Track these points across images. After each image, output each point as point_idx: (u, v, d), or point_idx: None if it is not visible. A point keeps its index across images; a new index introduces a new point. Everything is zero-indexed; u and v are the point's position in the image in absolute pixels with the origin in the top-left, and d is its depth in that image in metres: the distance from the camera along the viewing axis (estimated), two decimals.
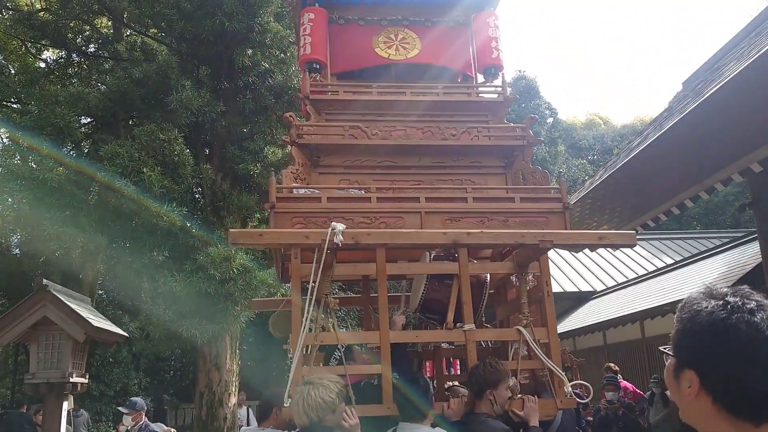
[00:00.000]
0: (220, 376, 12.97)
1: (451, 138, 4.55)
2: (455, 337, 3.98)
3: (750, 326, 1.14)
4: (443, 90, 4.80)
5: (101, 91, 13.20)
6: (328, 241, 3.46)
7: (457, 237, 3.78)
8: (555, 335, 3.98)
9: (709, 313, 1.19)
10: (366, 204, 4.02)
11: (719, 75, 6.80)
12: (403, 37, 5.04)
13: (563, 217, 4.18)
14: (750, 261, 9.29)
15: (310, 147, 4.50)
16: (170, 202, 10.76)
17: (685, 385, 1.20)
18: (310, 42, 4.76)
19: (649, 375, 12.06)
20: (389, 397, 3.54)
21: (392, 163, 4.61)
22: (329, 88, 4.79)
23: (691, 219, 26.91)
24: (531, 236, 3.79)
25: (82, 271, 15.85)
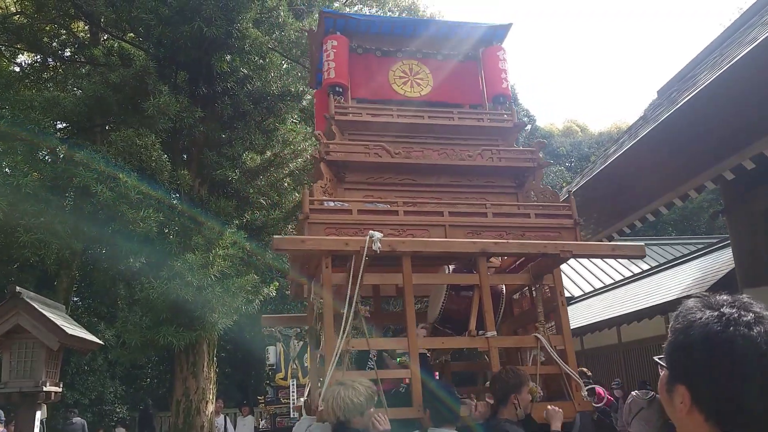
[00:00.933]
0: (197, 384, 12.85)
1: (468, 159, 4.86)
2: (478, 343, 4.22)
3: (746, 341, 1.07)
4: (458, 115, 5.14)
5: (77, 95, 13.05)
6: (366, 248, 3.72)
7: (486, 246, 4.11)
8: (570, 342, 4.26)
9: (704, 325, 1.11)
10: (394, 217, 4.32)
11: (692, 84, 6.92)
12: (417, 72, 5.38)
13: (574, 231, 4.51)
14: (723, 267, 9.43)
15: (336, 164, 4.76)
16: (147, 208, 10.65)
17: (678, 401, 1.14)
18: (333, 67, 5.05)
19: (626, 380, 12.18)
20: (419, 400, 3.75)
21: (412, 181, 4.92)
22: (351, 109, 5.06)
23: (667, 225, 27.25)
24: (552, 247, 4.14)
25: (57, 278, 15.62)
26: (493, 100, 5.37)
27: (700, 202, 24.51)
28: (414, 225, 4.29)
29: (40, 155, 12.60)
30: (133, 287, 12.29)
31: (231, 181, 13.38)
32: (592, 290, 16.18)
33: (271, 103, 13.56)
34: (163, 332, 11.09)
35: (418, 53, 5.40)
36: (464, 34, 5.48)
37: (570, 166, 37.08)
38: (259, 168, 13.81)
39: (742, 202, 8.11)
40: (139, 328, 11.26)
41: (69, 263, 14.73)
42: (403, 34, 5.40)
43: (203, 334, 12.00)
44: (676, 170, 7.17)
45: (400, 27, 5.45)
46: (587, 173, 9.04)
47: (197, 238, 11.51)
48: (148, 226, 10.58)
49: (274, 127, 13.87)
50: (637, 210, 8.30)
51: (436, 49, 5.43)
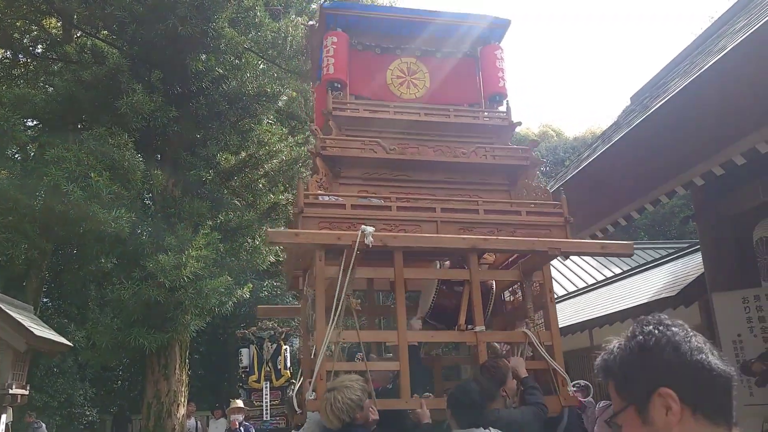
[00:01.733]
0: (168, 387, 12.71)
1: (462, 156, 4.92)
2: (467, 338, 4.29)
3: (684, 338, 1.18)
4: (454, 113, 5.20)
5: (48, 93, 12.86)
6: (358, 242, 3.79)
7: (476, 242, 4.19)
8: (558, 338, 4.33)
9: (623, 347, 1.24)
10: (387, 212, 4.39)
11: (664, 91, 7.02)
12: (414, 71, 5.42)
13: (564, 229, 4.58)
14: (693, 271, 9.55)
15: (332, 159, 4.81)
16: (119, 208, 10.51)
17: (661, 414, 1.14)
18: (333, 63, 5.09)
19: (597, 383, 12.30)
20: (407, 392, 3.85)
21: (407, 177, 4.96)
22: (349, 105, 5.10)
23: (638, 229, 27.61)
24: (541, 244, 4.20)
25: (25, 278, 15.34)
26: (489, 98, 5.43)
27: (671, 208, 24.87)
28: (406, 220, 4.36)
29: (9, 153, 12.38)
30: (105, 288, 12.14)
31: (205, 182, 13.27)
32: (564, 294, 16.32)
33: (246, 103, 13.47)
34: (134, 334, 10.96)
35: (417, 51, 5.43)
36: (464, 31, 5.50)
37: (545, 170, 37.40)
38: (234, 169, 13.73)
39: (712, 207, 8.24)
40: (109, 330, 11.11)
41: (38, 263, 14.47)
42: (403, 31, 5.43)
43: (175, 336, 11.89)
44: (647, 175, 7.26)
45: (400, 24, 5.46)
46: (561, 177, 9.12)
47: (170, 239, 11.39)
48: (120, 226, 10.43)
49: (249, 128, 13.80)
50: (610, 214, 8.37)
51: (436, 47, 5.46)
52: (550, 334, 4.27)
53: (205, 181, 13.20)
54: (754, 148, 5.61)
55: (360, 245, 3.78)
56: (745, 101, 5.57)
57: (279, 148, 13.46)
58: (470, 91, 5.51)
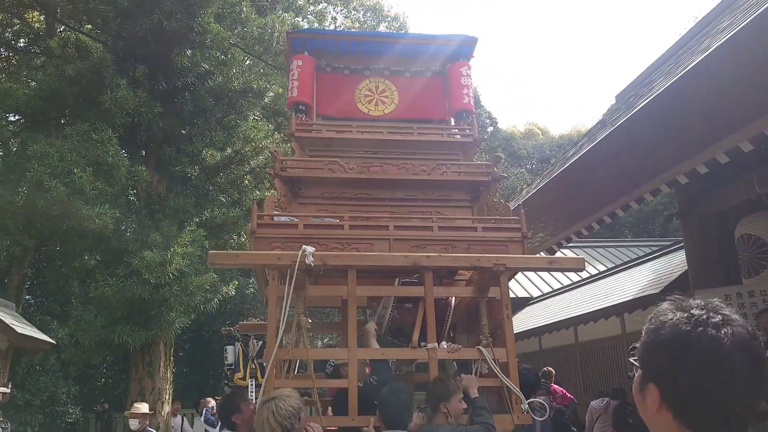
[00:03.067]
0: (153, 384, 12.63)
1: (423, 173, 4.90)
2: (419, 355, 4.24)
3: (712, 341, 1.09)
4: (418, 130, 5.20)
5: (31, 87, 12.69)
6: (299, 262, 3.79)
7: (418, 260, 4.13)
8: (513, 355, 4.25)
9: (673, 326, 1.14)
10: (339, 231, 4.35)
11: (649, 90, 7.06)
12: (383, 89, 5.44)
13: (522, 245, 4.51)
14: (676, 269, 9.65)
15: (292, 179, 4.81)
16: (103, 204, 10.41)
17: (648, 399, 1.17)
18: (297, 86, 5.15)
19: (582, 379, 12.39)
20: (354, 409, 3.85)
21: (368, 195, 4.94)
22: (313, 126, 5.13)
23: (623, 227, 27.82)
24: (486, 260, 4.13)
25: (7, 275, 15.16)
26: (456, 115, 5.43)
27: (655, 206, 25.09)
28: (358, 239, 4.33)
29: None
30: (88, 285, 12.03)
31: (190, 178, 13.18)
32: (550, 291, 16.41)
33: (232, 99, 13.40)
34: (118, 331, 10.88)
35: (386, 71, 5.45)
36: (432, 50, 5.55)
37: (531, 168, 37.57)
38: (220, 165, 13.64)
39: (695, 205, 8.33)
40: (93, 327, 11.02)
41: (20, 260, 14.30)
42: (371, 52, 5.47)
43: (160, 334, 11.81)
44: (632, 173, 7.31)
45: (368, 45, 5.51)
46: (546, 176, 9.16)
47: (155, 235, 11.31)
48: (103, 222, 10.34)
49: (235, 124, 13.72)
50: (594, 212, 8.43)
51: (404, 66, 5.48)
52: (506, 351, 4.20)
53: (191, 177, 13.11)
54: (737, 147, 5.67)
55: (301, 265, 3.79)
56: (728, 100, 5.63)
57: (265, 144, 13.39)
58: (438, 108, 5.53)
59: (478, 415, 3.79)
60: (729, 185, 7.45)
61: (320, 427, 3.56)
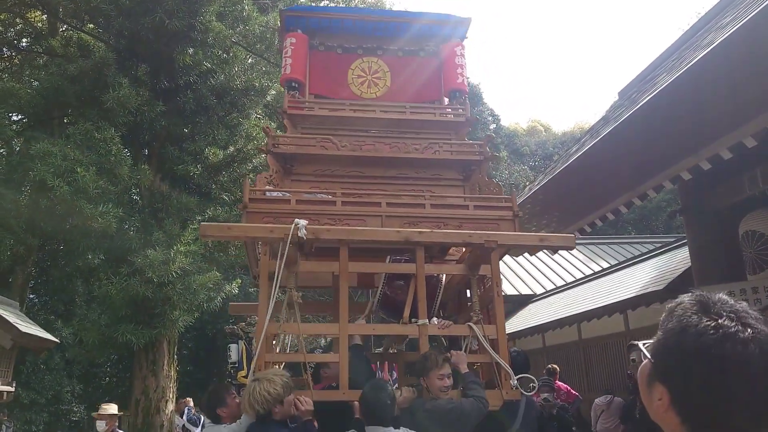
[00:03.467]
0: (157, 383, 12.64)
1: (415, 152, 4.92)
2: (410, 331, 4.26)
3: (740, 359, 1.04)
4: (410, 109, 5.22)
5: (34, 87, 12.70)
6: (291, 235, 3.77)
7: (410, 235, 4.14)
8: (503, 332, 4.27)
9: (698, 335, 1.08)
10: (331, 207, 4.38)
11: (652, 86, 7.04)
12: (375, 70, 5.45)
13: (513, 223, 4.53)
14: (680, 266, 9.62)
15: (284, 156, 4.82)
16: (106, 204, 10.42)
17: (656, 397, 1.13)
18: (290, 63, 5.16)
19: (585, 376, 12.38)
20: (345, 384, 3.84)
21: (360, 173, 4.96)
22: (306, 104, 5.13)
23: (626, 224, 27.79)
24: (477, 236, 4.15)
25: (11, 274, 15.19)
26: (449, 94, 5.45)
27: (659, 202, 25.05)
28: (351, 215, 4.36)
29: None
30: (92, 284, 12.06)
31: (193, 177, 13.19)
32: (553, 288, 16.41)
33: (234, 97, 13.39)
34: (122, 330, 10.89)
35: (379, 50, 5.46)
36: (426, 30, 5.54)
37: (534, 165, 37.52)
38: (222, 163, 13.64)
39: (699, 202, 8.30)
40: (97, 326, 11.03)
41: (24, 259, 14.33)
42: (365, 30, 5.48)
43: (163, 332, 11.82)
44: (635, 170, 7.29)
45: (362, 23, 5.51)
46: (549, 172, 9.14)
47: (158, 234, 11.32)
48: (107, 221, 10.35)
49: (237, 122, 13.72)
50: (597, 209, 8.41)
51: (398, 45, 5.49)
52: (496, 328, 4.24)
53: (193, 176, 13.12)
54: (741, 143, 5.65)
55: (293, 238, 3.78)
56: (732, 96, 5.60)
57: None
58: (431, 89, 5.54)
59: (470, 389, 3.82)
60: (733, 181, 7.42)
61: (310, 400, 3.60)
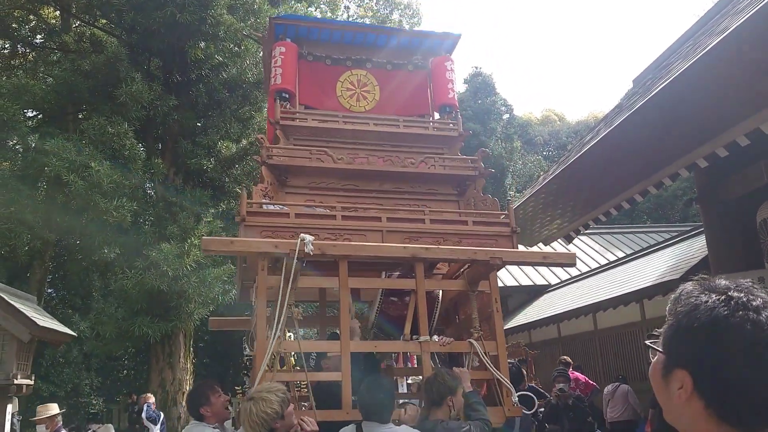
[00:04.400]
0: (173, 375, 12.75)
1: (410, 166, 4.88)
2: (411, 348, 4.22)
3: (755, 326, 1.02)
4: (404, 123, 5.16)
5: (48, 83, 12.81)
6: (297, 251, 3.69)
7: (416, 252, 4.10)
8: (503, 348, 4.26)
9: (710, 309, 1.06)
10: (331, 221, 4.28)
11: (667, 73, 6.94)
12: (364, 83, 5.40)
13: (511, 239, 4.51)
14: (697, 254, 9.53)
15: (279, 168, 4.73)
16: (121, 198, 10.49)
17: (675, 386, 1.08)
18: (280, 73, 5.07)
19: (601, 366, 12.32)
20: (348, 404, 3.77)
21: (355, 186, 4.89)
22: (297, 115, 5.06)
23: (642, 213, 27.57)
24: (483, 253, 4.13)
25: (29, 269, 15.36)
26: (439, 109, 5.40)
27: (675, 191, 24.81)
28: (351, 230, 4.27)
29: (9, 144, 12.36)
30: (108, 278, 12.16)
31: (206, 170, 13.24)
32: (568, 278, 16.31)
33: (246, 90, 13.42)
34: (138, 323, 10.98)
35: (368, 63, 5.41)
36: (415, 43, 5.53)
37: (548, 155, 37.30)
38: (235, 156, 13.69)
39: (716, 190, 8.19)
40: (113, 320, 11.14)
41: (42, 254, 14.48)
42: (354, 42, 5.43)
43: (179, 325, 11.91)
44: (650, 158, 7.21)
45: (351, 35, 5.47)
46: (563, 162, 9.06)
47: (172, 227, 11.39)
48: (122, 215, 10.43)
49: (249, 116, 13.75)
50: (612, 198, 8.33)
51: (386, 59, 5.44)
52: (496, 344, 4.19)
53: (207, 169, 13.17)
54: (758, 129, 5.56)
55: (300, 254, 3.69)
56: (748, 82, 5.51)
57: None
58: (420, 103, 5.48)
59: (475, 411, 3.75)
60: (750, 168, 7.32)
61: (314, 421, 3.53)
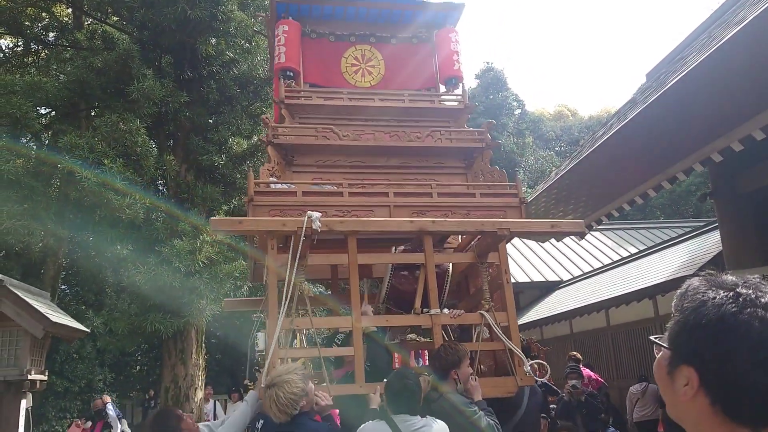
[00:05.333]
0: (185, 371, 12.81)
1: (416, 140, 4.86)
2: (423, 321, 4.21)
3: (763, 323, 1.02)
4: (409, 97, 5.14)
5: (60, 80, 12.87)
6: (305, 228, 3.70)
7: (423, 225, 4.09)
8: (514, 319, 4.26)
9: (718, 306, 1.05)
10: (339, 198, 4.30)
11: (681, 66, 6.87)
12: (369, 58, 5.38)
13: (519, 210, 4.50)
14: (711, 249, 9.46)
15: (285, 147, 4.75)
16: (133, 195, 10.54)
17: (681, 383, 1.08)
18: (284, 51, 5.06)
19: (614, 362, 12.25)
20: (361, 377, 3.81)
21: (362, 163, 4.90)
22: (302, 93, 5.04)
23: (655, 209, 27.38)
24: (490, 224, 4.13)
25: (43, 265, 15.49)
26: (445, 82, 5.40)
27: (688, 186, 24.61)
28: (358, 206, 4.29)
29: (23, 141, 12.45)
30: (121, 274, 12.22)
31: (218, 167, 13.28)
32: (580, 274, 16.24)
33: (257, 86, 13.43)
34: (150, 319, 11.03)
35: (372, 37, 5.40)
36: (418, 16, 5.50)
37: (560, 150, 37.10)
38: (246, 153, 13.72)
39: (730, 185, 8.12)
40: (126, 316, 11.20)
41: (55, 250, 14.59)
42: (357, 17, 5.41)
43: (191, 321, 11.95)
44: (664, 153, 7.15)
45: (353, 10, 5.43)
46: (576, 157, 9.00)
47: (184, 224, 11.42)
48: (134, 212, 10.48)
49: (261, 112, 13.75)
50: (625, 193, 8.28)
51: (390, 33, 5.42)
52: (506, 315, 4.21)
53: (218, 165, 13.20)
54: None
55: (307, 231, 3.70)
56: (764, 74, 5.44)
57: None
58: (426, 76, 5.47)
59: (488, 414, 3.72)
60: (765, 163, 7.24)
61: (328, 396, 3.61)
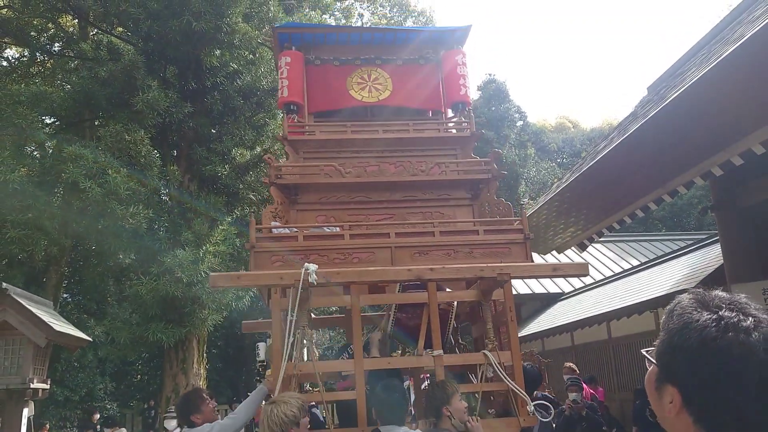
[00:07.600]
0: (187, 380, 12.81)
1: (421, 173, 4.79)
2: (425, 362, 4.18)
3: (744, 348, 1.04)
4: (414, 127, 5.05)
5: (66, 90, 12.97)
6: (302, 281, 3.73)
7: (421, 273, 4.03)
8: (518, 358, 4.22)
9: (701, 329, 1.07)
10: (340, 241, 4.26)
11: (681, 81, 6.92)
12: (375, 77, 5.28)
13: (524, 247, 4.39)
14: (712, 263, 9.46)
15: (288, 186, 4.72)
16: (136, 204, 10.59)
17: (667, 400, 1.12)
18: (287, 85, 5.00)
19: (615, 375, 12.24)
20: (363, 421, 3.82)
21: (366, 198, 4.84)
22: (306, 128, 5.01)
23: (656, 221, 27.38)
24: (490, 269, 4.02)
25: (46, 274, 15.53)
26: (452, 107, 5.29)
27: (690, 199, 24.63)
28: (360, 248, 4.24)
29: (27, 150, 12.52)
30: (123, 283, 12.26)
31: (221, 177, 13.33)
32: (582, 286, 16.22)
33: (261, 98, 13.51)
34: (152, 329, 11.05)
35: (377, 60, 5.30)
36: (424, 38, 5.43)
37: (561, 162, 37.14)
38: (249, 163, 13.78)
39: (731, 198, 8.15)
40: (128, 325, 11.22)
41: (58, 259, 14.64)
42: (361, 42, 5.34)
43: (193, 331, 11.98)
44: (664, 166, 7.18)
45: (357, 36, 5.37)
46: (577, 169, 9.04)
47: (187, 234, 11.47)
48: (137, 221, 10.53)
49: (264, 123, 13.84)
50: (626, 206, 8.30)
51: (396, 55, 5.33)
52: (510, 354, 4.17)
53: (221, 176, 13.26)
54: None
55: (304, 284, 3.75)
56: (764, 90, 5.49)
57: None
58: (433, 99, 5.38)
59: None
60: (766, 177, 7.27)
61: None
